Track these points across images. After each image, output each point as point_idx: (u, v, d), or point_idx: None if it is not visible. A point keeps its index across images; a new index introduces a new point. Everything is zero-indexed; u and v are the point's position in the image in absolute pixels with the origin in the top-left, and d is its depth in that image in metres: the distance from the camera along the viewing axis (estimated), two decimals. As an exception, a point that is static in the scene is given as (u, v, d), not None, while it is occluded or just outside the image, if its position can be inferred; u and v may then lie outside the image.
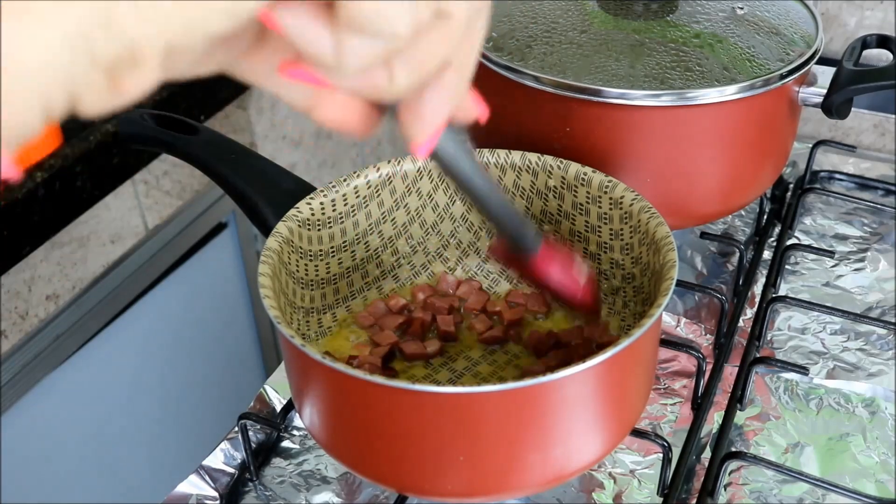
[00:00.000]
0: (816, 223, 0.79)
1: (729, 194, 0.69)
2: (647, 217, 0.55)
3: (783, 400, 0.63)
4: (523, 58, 0.65)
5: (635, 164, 0.64)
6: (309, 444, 0.61)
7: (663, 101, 0.61)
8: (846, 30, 0.88)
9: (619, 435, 0.51)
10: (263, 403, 0.62)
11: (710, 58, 0.65)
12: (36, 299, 0.85)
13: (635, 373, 0.50)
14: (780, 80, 0.63)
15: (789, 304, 0.68)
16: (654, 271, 0.53)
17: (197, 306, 1.09)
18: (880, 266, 0.74)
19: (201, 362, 1.10)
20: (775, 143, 0.69)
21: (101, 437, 0.99)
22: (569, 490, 0.57)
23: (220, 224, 1.09)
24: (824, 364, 0.66)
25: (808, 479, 0.55)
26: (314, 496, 0.58)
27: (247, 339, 1.19)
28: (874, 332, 0.68)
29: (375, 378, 0.44)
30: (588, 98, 0.62)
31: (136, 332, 0.99)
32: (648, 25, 0.68)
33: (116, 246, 0.92)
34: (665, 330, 0.69)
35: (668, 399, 0.63)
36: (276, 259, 0.53)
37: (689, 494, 0.57)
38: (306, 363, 0.48)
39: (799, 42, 0.67)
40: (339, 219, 0.59)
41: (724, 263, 0.76)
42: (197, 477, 0.58)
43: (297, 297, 0.57)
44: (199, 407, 1.10)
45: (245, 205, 0.60)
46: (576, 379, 0.45)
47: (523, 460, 0.47)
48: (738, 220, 0.80)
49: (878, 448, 0.60)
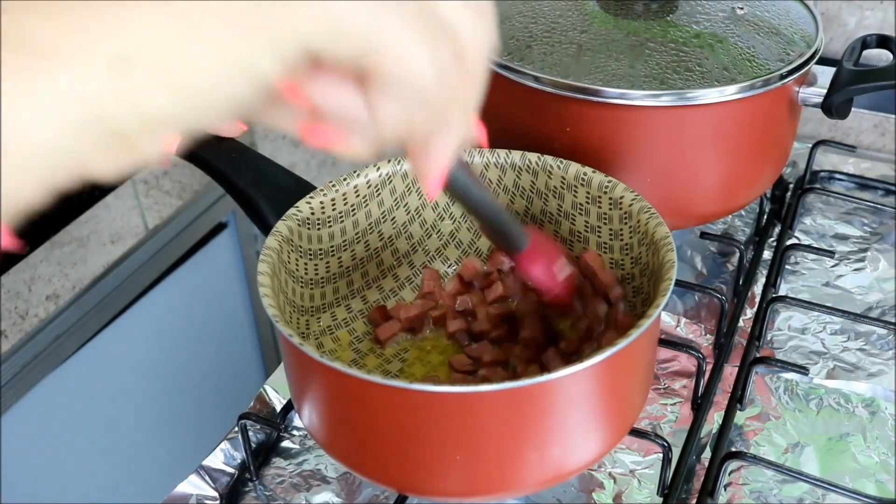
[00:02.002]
0: (816, 223, 0.79)
1: (729, 194, 0.69)
2: (646, 217, 0.55)
3: (783, 400, 0.63)
4: (523, 58, 0.65)
5: (635, 164, 0.64)
6: (309, 444, 0.61)
7: (663, 101, 0.61)
8: (846, 30, 0.88)
9: (618, 435, 0.51)
10: (263, 403, 0.62)
11: (710, 58, 0.65)
12: (36, 299, 0.85)
13: (633, 373, 0.50)
14: (780, 80, 0.63)
15: (789, 304, 0.68)
16: (653, 272, 0.54)
17: (197, 306, 1.09)
18: (880, 266, 0.74)
19: (201, 362, 1.10)
20: (775, 143, 0.69)
21: (101, 437, 0.99)
22: (569, 490, 0.57)
23: (220, 224, 1.09)
24: (824, 364, 0.66)
25: (808, 479, 0.55)
26: (314, 496, 0.58)
27: (247, 339, 1.19)
28: (874, 332, 0.68)
29: (373, 377, 0.44)
30: (588, 98, 0.62)
31: (136, 332, 1.00)
32: (648, 25, 0.68)
33: (116, 246, 0.92)
34: (665, 330, 0.69)
35: (668, 399, 0.63)
36: (275, 258, 0.53)
37: (689, 494, 0.57)
38: (304, 362, 0.48)
39: (799, 42, 0.67)
40: (339, 218, 0.59)
41: (724, 263, 0.76)
42: (197, 477, 0.58)
43: (297, 296, 0.57)
44: (199, 407, 1.10)
45: (245, 204, 0.60)
46: (573, 379, 0.45)
47: (521, 460, 0.47)
48: (738, 220, 0.80)
49: (878, 448, 0.60)
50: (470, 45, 0.30)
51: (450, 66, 0.29)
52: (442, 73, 0.29)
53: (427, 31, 0.28)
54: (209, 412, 1.08)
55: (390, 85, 0.28)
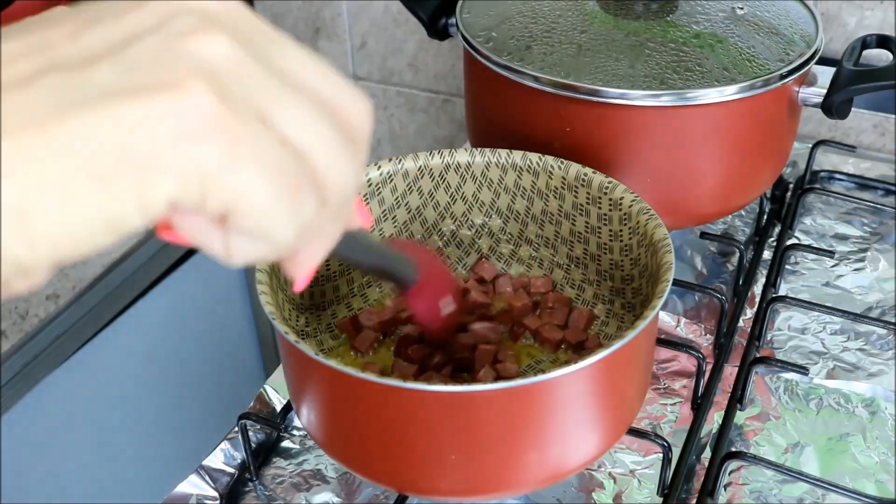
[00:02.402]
0: (816, 223, 0.79)
1: (729, 194, 0.69)
2: (645, 219, 0.55)
3: (783, 400, 0.63)
4: (523, 58, 0.65)
5: (635, 164, 0.64)
6: (309, 444, 0.61)
7: (663, 101, 0.61)
8: (846, 30, 0.88)
9: (616, 434, 0.51)
10: (263, 403, 0.62)
11: (710, 58, 0.65)
12: (36, 299, 0.85)
13: (631, 373, 0.50)
14: (780, 80, 0.63)
15: (789, 304, 0.68)
16: (651, 273, 0.53)
17: (197, 306, 1.09)
18: (880, 266, 0.74)
19: (201, 362, 1.10)
20: (775, 143, 0.69)
21: (101, 437, 0.99)
22: (569, 490, 0.57)
23: (221, 224, 1.08)
24: (824, 364, 0.66)
25: (808, 479, 0.55)
26: (314, 496, 0.58)
27: (247, 339, 1.19)
28: (874, 332, 0.68)
29: (369, 376, 0.44)
30: (588, 98, 0.62)
31: (136, 333, 1.00)
32: (648, 25, 0.68)
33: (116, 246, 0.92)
34: (665, 330, 0.69)
35: (668, 399, 0.63)
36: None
37: (689, 494, 0.57)
38: (302, 360, 0.48)
39: (799, 42, 0.67)
40: (339, 218, 0.58)
41: (724, 263, 0.75)
42: (197, 477, 0.58)
43: (297, 293, 0.57)
44: (199, 407, 1.10)
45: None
46: (570, 378, 0.45)
47: (519, 459, 0.47)
48: (738, 220, 0.80)
49: (878, 448, 0.60)
50: (338, 191, 0.30)
51: (311, 214, 0.29)
52: (301, 225, 0.29)
53: (294, 188, 0.28)
54: (209, 412, 1.08)
55: (249, 236, 0.28)
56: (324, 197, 0.29)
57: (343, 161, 0.29)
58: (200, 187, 0.26)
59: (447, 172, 0.61)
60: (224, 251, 0.29)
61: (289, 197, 0.28)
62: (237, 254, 0.29)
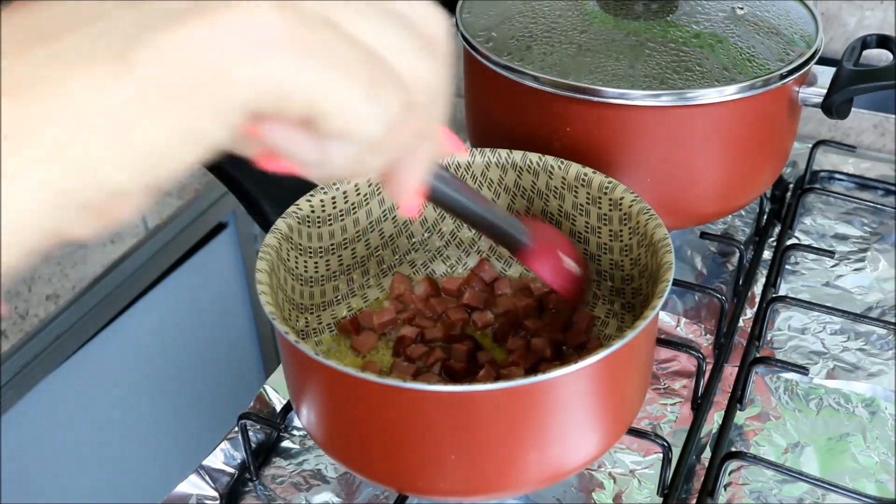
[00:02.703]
0: (816, 223, 0.79)
1: (729, 194, 0.69)
2: (645, 219, 0.55)
3: (783, 400, 0.63)
4: (523, 58, 0.65)
5: (635, 164, 0.64)
6: (309, 444, 0.61)
7: (663, 101, 0.61)
8: (846, 30, 0.88)
9: (616, 434, 0.51)
10: (263, 403, 0.62)
11: (710, 58, 0.65)
12: (36, 299, 0.85)
13: (630, 373, 0.50)
14: (780, 80, 0.63)
15: (789, 304, 0.68)
16: (651, 273, 0.53)
17: (197, 306, 1.09)
18: (880, 266, 0.74)
19: (201, 362, 1.10)
20: (775, 143, 0.69)
21: (101, 437, 0.99)
22: (569, 490, 0.57)
23: (220, 224, 1.09)
24: (824, 364, 0.66)
25: (808, 479, 0.55)
26: (314, 496, 0.58)
27: (247, 339, 1.19)
28: (874, 332, 0.68)
29: (369, 376, 0.44)
30: (588, 98, 0.62)
31: (136, 332, 1.00)
32: (648, 25, 0.68)
33: (116, 246, 0.92)
34: (665, 330, 0.69)
35: (668, 399, 0.63)
36: (274, 255, 0.52)
37: (689, 494, 0.57)
38: (301, 360, 0.48)
39: (799, 42, 0.67)
40: (340, 216, 0.59)
41: (724, 263, 0.76)
42: (197, 477, 0.58)
43: (297, 293, 0.57)
44: (199, 407, 1.10)
45: (246, 201, 0.60)
46: (570, 378, 0.45)
47: (519, 458, 0.47)
48: (738, 220, 0.80)
49: (878, 448, 0.60)
50: (421, 90, 0.31)
51: (399, 114, 0.30)
52: (390, 123, 0.29)
53: (374, 83, 0.28)
54: (209, 412, 1.08)
55: (339, 137, 0.29)
56: (409, 98, 0.30)
57: (422, 61, 0.30)
58: (278, 94, 0.27)
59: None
60: (319, 159, 0.30)
61: (369, 92, 0.28)
62: (333, 161, 0.30)
